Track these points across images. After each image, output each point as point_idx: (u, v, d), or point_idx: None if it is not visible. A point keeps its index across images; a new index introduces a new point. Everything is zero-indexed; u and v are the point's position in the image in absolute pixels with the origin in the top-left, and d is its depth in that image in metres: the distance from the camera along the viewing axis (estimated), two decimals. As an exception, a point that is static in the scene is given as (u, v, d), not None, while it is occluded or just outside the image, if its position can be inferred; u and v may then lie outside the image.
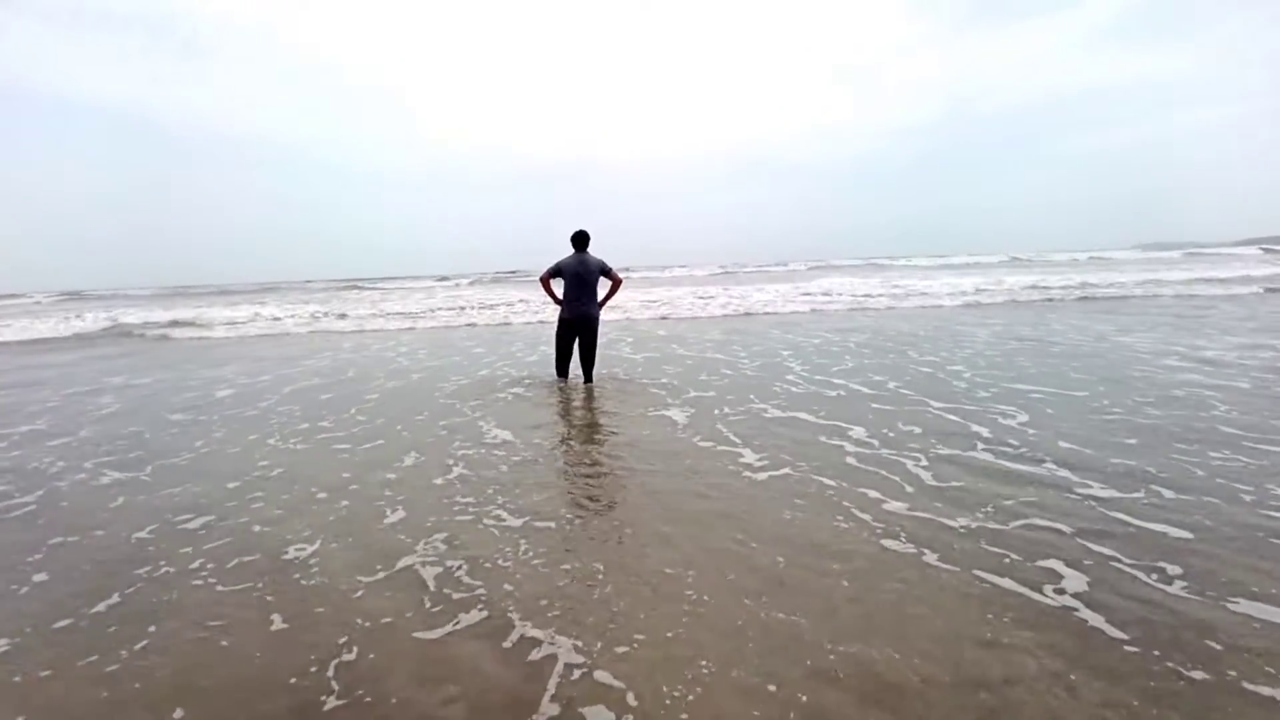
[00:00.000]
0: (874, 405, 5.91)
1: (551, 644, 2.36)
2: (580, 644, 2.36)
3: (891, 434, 4.98)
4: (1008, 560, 2.90)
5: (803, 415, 5.64)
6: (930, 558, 2.96)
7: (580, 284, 6.46)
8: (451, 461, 4.68)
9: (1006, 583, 2.72)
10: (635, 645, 2.34)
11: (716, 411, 5.88)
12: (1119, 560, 2.87)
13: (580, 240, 6.50)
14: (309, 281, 59.71)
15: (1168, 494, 3.57)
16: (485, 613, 2.60)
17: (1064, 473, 3.98)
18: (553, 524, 3.48)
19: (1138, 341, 9.17)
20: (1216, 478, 3.79)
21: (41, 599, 2.89)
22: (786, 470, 4.23)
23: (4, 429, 6.34)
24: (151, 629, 2.60)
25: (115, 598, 2.86)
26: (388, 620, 2.58)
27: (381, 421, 5.98)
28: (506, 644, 2.38)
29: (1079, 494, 3.64)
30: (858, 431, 5.06)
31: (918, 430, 5.05)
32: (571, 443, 5.12)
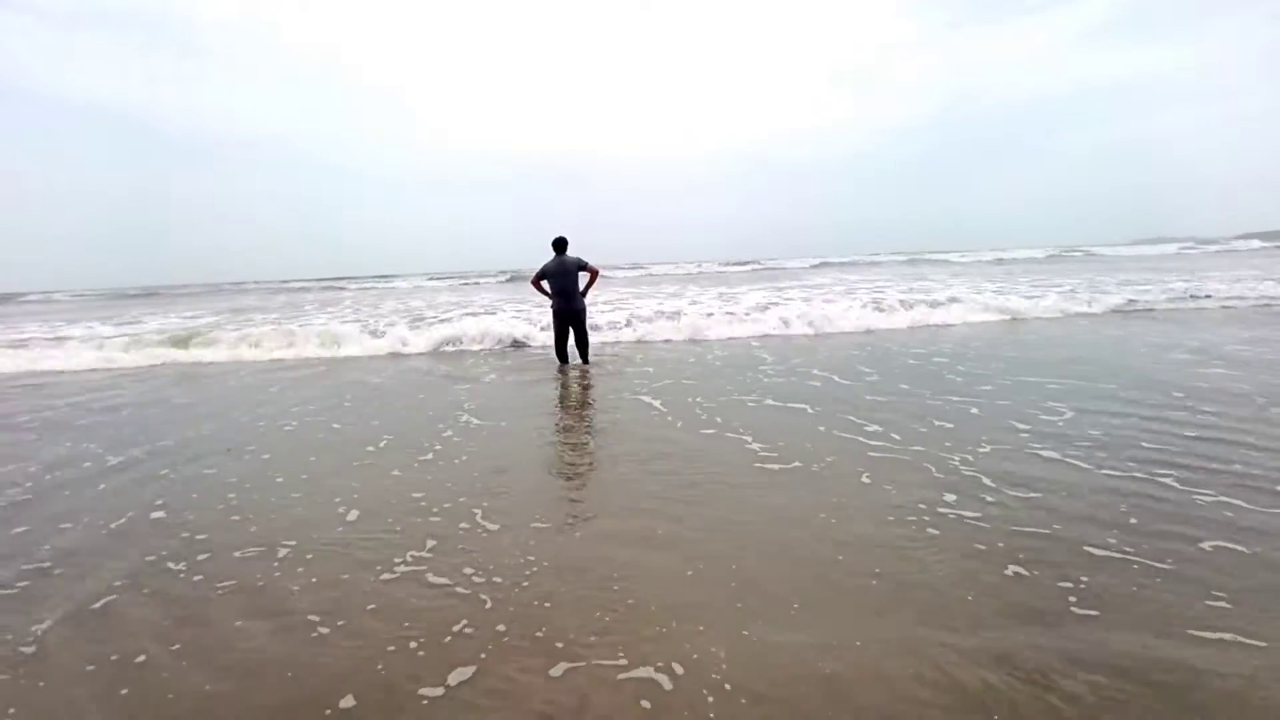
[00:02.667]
0: (882, 398, 5.21)
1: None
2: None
3: (924, 430, 4.27)
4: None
5: (799, 406, 4.94)
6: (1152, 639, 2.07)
7: (564, 282, 7.25)
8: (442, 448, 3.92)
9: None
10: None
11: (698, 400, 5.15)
12: None
13: (560, 245, 7.30)
14: (285, 282, 55.30)
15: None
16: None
17: (1169, 480, 3.25)
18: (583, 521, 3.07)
19: (1137, 334, 8.39)
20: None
21: None
22: (797, 463, 3.72)
23: None
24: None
25: None
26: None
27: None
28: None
29: (1213, 504, 2.93)
30: (874, 428, 4.36)
31: (949, 425, 4.35)
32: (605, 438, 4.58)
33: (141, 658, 2.12)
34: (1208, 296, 12.29)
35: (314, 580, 2.58)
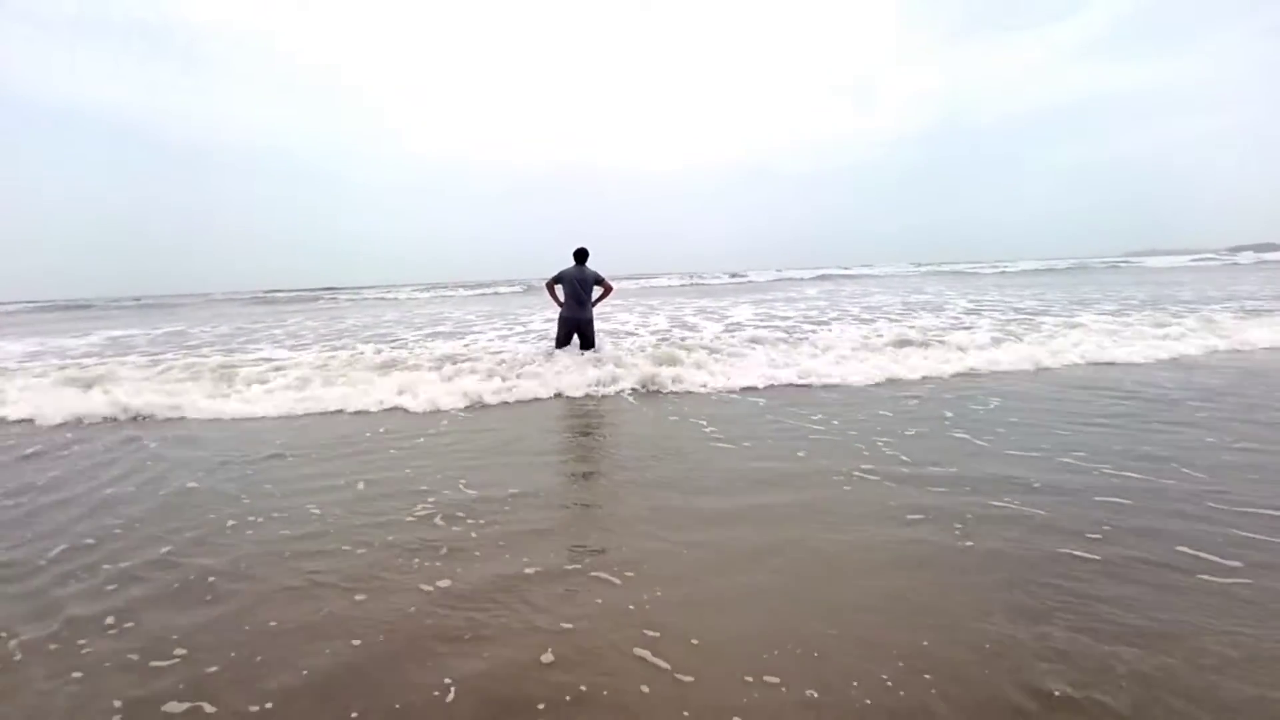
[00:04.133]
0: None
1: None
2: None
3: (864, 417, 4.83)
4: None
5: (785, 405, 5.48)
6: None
7: (578, 291, 7.61)
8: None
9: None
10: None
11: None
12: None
13: (580, 255, 7.69)
14: (273, 291, 54.35)
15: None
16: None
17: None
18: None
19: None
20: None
21: None
22: (747, 443, 4.13)
23: None
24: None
25: None
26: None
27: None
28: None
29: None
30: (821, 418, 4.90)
31: (888, 415, 4.91)
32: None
33: (212, 578, 2.62)
34: None
35: (343, 526, 3.10)
